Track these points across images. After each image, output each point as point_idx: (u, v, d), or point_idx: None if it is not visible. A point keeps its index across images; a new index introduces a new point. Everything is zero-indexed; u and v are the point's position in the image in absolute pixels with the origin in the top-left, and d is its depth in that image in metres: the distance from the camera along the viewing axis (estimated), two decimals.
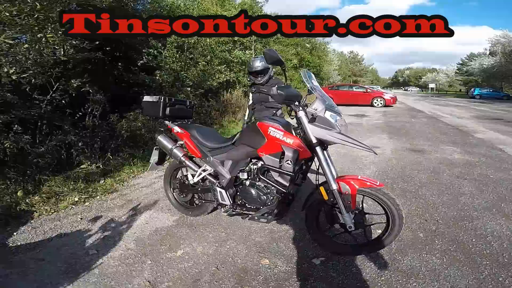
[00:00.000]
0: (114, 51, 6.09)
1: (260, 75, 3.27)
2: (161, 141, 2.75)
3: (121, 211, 3.06)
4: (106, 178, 3.92)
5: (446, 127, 8.58)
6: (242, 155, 2.27)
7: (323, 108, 1.94)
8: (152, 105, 2.72)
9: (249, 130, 2.25)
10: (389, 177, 3.96)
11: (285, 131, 2.02)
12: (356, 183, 1.93)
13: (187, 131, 2.62)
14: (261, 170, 2.17)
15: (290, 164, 2.00)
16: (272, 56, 1.92)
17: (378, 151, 5.51)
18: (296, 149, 1.98)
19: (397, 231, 2.03)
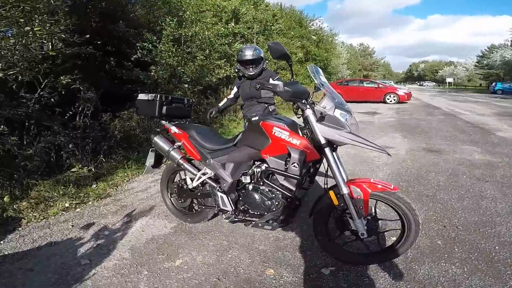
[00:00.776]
0: (105, 45, 6.12)
1: (252, 65, 3.19)
2: (158, 143, 2.75)
3: (115, 217, 3.08)
4: (98, 182, 3.95)
5: (465, 125, 8.54)
6: (244, 157, 2.27)
7: (333, 106, 1.93)
8: (148, 103, 2.72)
9: (252, 130, 2.24)
10: (404, 180, 3.95)
11: (290, 131, 2.02)
12: (368, 186, 1.92)
13: (185, 132, 2.63)
14: (265, 173, 2.16)
15: (296, 167, 1.99)
16: (278, 50, 1.91)
17: (391, 151, 5.49)
18: (303, 150, 1.97)
19: (413, 238, 2.02)
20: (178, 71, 6.93)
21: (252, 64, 3.19)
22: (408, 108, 13.97)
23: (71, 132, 4.27)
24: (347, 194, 1.92)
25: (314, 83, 2.10)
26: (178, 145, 2.72)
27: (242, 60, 3.19)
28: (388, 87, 18.04)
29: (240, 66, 3.24)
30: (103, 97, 5.16)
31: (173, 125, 2.72)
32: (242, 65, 3.22)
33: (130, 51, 6.53)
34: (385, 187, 1.92)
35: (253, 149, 2.19)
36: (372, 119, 10.26)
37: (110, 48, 6.27)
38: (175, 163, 2.70)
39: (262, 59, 3.23)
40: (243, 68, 3.23)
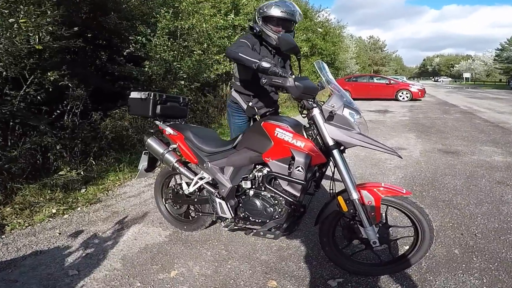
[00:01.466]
0: (96, 38, 6.13)
1: (285, 29, 2.51)
2: (151, 145, 2.75)
3: (106, 224, 3.08)
4: (88, 187, 3.95)
5: (484, 124, 8.51)
6: (244, 160, 2.26)
7: (341, 105, 1.93)
8: (140, 102, 2.72)
9: (253, 131, 2.23)
10: (418, 184, 3.94)
11: (294, 133, 2.01)
12: (380, 191, 1.92)
13: (181, 133, 2.62)
14: (267, 178, 2.15)
15: (301, 171, 1.98)
16: (288, 43, 1.91)
17: (404, 153, 5.48)
18: (308, 153, 1.96)
19: (427, 247, 2.02)
20: (174, 66, 6.93)
21: (286, 26, 2.51)
22: (422, 106, 13.94)
23: (58, 132, 4.28)
24: (358, 199, 1.92)
25: (319, 80, 2.10)
26: (173, 147, 2.71)
27: (277, 16, 2.44)
28: (400, 83, 18.01)
29: (265, 26, 2.49)
30: (93, 95, 5.18)
31: (167, 126, 2.71)
32: (270, 24, 2.48)
33: (122, 45, 6.54)
34: (397, 192, 1.93)
35: (254, 152, 2.18)
36: (383, 118, 10.24)
37: (101, 42, 6.28)
38: (170, 167, 2.70)
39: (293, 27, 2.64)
40: (269, 28, 2.48)
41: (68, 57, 5.48)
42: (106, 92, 5.88)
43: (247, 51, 2.12)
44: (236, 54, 2.09)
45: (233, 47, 2.21)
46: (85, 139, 4.57)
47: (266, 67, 1.94)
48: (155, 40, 6.68)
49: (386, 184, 1.98)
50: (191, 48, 7.67)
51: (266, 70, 1.94)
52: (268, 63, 1.95)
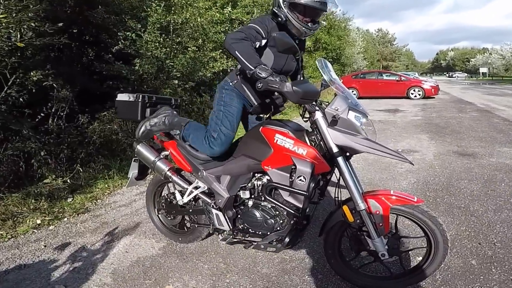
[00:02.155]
0: (82, 34, 6.16)
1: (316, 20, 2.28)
2: (141, 152, 2.75)
3: (95, 236, 3.09)
4: (75, 195, 3.97)
5: (504, 124, 8.52)
6: (242, 169, 2.26)
7: (346, 108, 1.92)
8: (129, 105, 2.74)
9: (251, 137, 2.23)
10: (432, 190, 3.96)
11: (296, 139, 2.02)
12: (388, 199, 1.93)
13: (173, 139, 2.64)
14: (266, 188, 2.16)
15: (303, 181, 1.98)
16: (285, 42, 1.87)
17: (416, 156, 5.49)
18: (311, 161, 1.97)
19: (442, 258, 2.02)
20: (167, 64, 6.96)
21: (315, 16, 2.25)
22: (435, 104, 13.96)
23: (43, 137, 4.30)
24: (365, 209, 1.92)
25: (322, 80, 2.11)
26: (165, 154, 2.72)
27: (309, 4, 2.14)
28: (411, 80, 18.02)
29: (291, 13, 2.18)
30: (80, 96, 5.20)
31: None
32: (297, 12, 2.19)
33: (111, 42, 6.56)
34: (407, 200, 1.93)
35: (253, 160, 2.18)
36: (394, 118, 10.26)
37: (87, 38, 6.32)
38: (161, 176, 2.70)
39: None
40: (295, 17, 2.18)
41: (52, 55, 5.51)
42: (94, 93, 5.91)
43: (247, 49, 2.00)
44: (233, 50, 1.99)
45: (235, 35, 2.04)
46: (72, 144, 4.59)
47: (263, 77, 1.87)
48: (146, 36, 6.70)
49: (395, 192, 1.99)
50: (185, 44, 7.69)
51: (263, 79, 1.87)
52: (265, 71, 1.88)
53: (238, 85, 2.36)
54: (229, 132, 2.31)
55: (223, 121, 2.32)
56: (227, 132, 2.31)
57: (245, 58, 1.95)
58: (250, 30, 2.14)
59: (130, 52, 6.52)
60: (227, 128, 2.31)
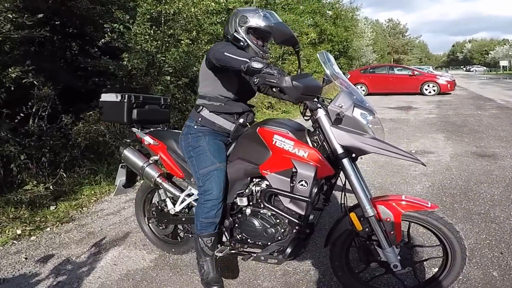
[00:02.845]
0: (65, 26, 6.15)
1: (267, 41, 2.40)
2: (128, 157, 2.74)
3: (80, 247, 3.09)
4: (58, 203, 3.98)
5: None
6: (239, 173, 2.24)
7: (351, 104, 1.91)
8: (113, 106, 2.74)
9: (247, 138, 2.23)
10: (448, 194, 3.96)
11: (296, 140, 2.00)
12: (400, 205, 1.92)
13: (162, 142, 2.61)
14: (265, 194, 2.15)
15: (305, 186, 1.97)
16: (283, 33, 1.85)
17: (432, 157, 5.50)
18: (313, 164, 1.96)
19: (459, 269, 2.02)
20: (158, 59, 6.96)
21: (266, 39, 2.37)
22: (452, 101, 13.97)
23: (23, 140, 4.29)
24: (374, 216, 1.91)
25: (324, 75, 2.09)
26: (155, 159, 2.71)
27: (264, 29, 2.24)
28: (425, 75, 18.06)
29: (249, 36, 2.29)
30: (63, 94, 5.19)
31: (146, 134, 2.70)
32: (255, 35, 2.30)
33: (97, 34, 6.56)
34: (421, 206, 1.92)
35: (250, 164, 2.17)
36: (406, 116, 10.27)
37: (71, 31, 6.30)
38: (151, 183, 2.69)
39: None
40: (254, 42, 2.30)
41: (33, 50, 5.50)
42: (78, 91, 5.89)
43: (235, 49, 2.03)
44: (222, 54, 1.96)
45: (218, 46, 2.08)
46: (54, 147, 4.58)
47: (258, 68, 1.81)
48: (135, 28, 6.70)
49: (407, 197, 1.99)
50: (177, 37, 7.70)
51: (258, 72, 1.80)
52: (260, 62, 1.82)
53: (204, 122, 2.32)
54: (210, 167, 2.22)
55: (198, 164, 2.26)
56: (207, 169, 2.22)
57: (236, 55, 1.91)
58: (228, 44, 2.21)
59: (118, 46, 6.51)
60: (206, 165, 2.23)
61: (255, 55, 2.18)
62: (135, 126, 2.79)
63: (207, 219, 2.21)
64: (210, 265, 2.26)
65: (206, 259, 2.27)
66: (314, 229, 2.26)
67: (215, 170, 2.21)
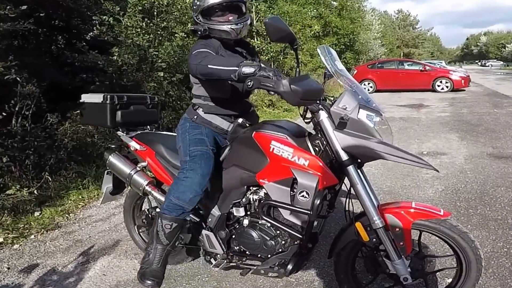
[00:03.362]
0: (50, 19, 6.14)
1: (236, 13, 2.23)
2: (114, 164, 2.70)
3: (67, 256, 3.09)
4: (43, 209, 3.97)
5: None
6: (234, 182, 2.20)
7: (356, 106, 1.86)
8: (95, 108, 2.71)
9: (242, 144, 2.19)
10: (463, 199, 3.96)
11: (296, 147, 1.96)
12: (410, 214, 1.89)
13: (150, 147, 2.58)
14: (263, 206, 2.11)
15: (306, 197, 1.94)
16: (279, 29, 1.83)
17: (445, 159, 5.50)
18: (315, 174, 1.92)
19: (475, 279, 2.01)
20: (150, 53, 6.97)
21: (236, 10, 2.22)
22: (466, 98, 13.97)
23: (5, 140, 4.28)
24: (382, 227, 1.88)
25: (325, 70, 2.06)
26: (143, 165, 2.66)
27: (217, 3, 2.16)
28: (438, 70, 18.07)
29: (210, 21, 2.21)
30: (49, 92, 5.18)
31: (132, 139, 2.67)
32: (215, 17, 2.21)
33: (84, 27, 6.57)
34: (432, 214, 1.90)
35: (245, 171, 2.13)
36: (418, 115, 10.27)
37: (57, 23, 6.29)
38: (139, 191, 2.64)
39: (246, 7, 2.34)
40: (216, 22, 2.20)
41: (16, 44, 5.50)
42: (65, 88, 5.88)
43: (218, 58, 1.96)
44: (205, 68, 1.86)
45: (198, 56, 1.98)
46: (39, 148, 4.57)
47: (250, 72, 1.73)
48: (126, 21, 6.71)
49: (417, 204, 1.96)
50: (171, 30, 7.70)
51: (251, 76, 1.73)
52: (251, 66, 1.74)
53: (200, 120, 2.32)
54: (202, 148, 2.20)
55: (190, 143, 2.23)
56: (198, 148, 2.20)
57: (222, 65, 1.82)
58: (204, 52, 2.05)
59: (107, 40, 6.51)
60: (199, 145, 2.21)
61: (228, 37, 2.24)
62: (120, 129, 2.74)
63: (178, 200, 2.12)
64: (158, 255, 2.19)
65: (156, 247, 2.20)
66: (318, 238, 2.24)
67: (206, 153, 2.18)
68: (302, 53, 17.75)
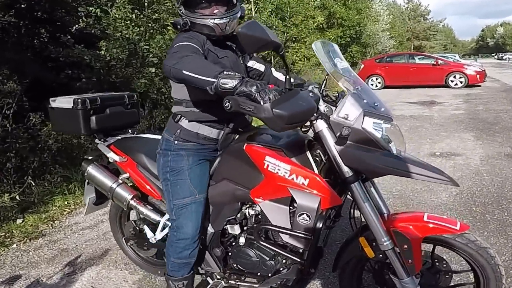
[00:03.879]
0: (32, 11, 6.14)
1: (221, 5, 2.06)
2: (94, 176, 2.62)
3: (52, 267, 3.09)
4: (26, 216, 3.97)
5: None
6: (226, 197, 2.14)
7: (360, 113, 1.74)
8: (65, 114, 2.60)
9: (233, 156, 2.09)
10: (479, 203, 3.96)
11: (293, 163, 1.87)
12: (421, 229, 1.81)
13: (131, 157, 2.51)
14: (259, 228, 2.06)
15: (307, 220, 1.87)
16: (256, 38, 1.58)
17: (459, 160, 5.51)
18: (316, 195, 1.84)
19: None
20: (141, 48, 6.96)
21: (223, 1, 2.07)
22: (482, 95, 13.97)
23: None
24: (390, 244, 1.82)
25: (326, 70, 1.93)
26: (125, 177, 2.60)
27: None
28: (451, 64, 18.06)
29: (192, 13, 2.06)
30: (31, 89, 5.18)
31: (111, 147, 2.59)
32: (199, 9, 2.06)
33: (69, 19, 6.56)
34: (447, 228, 1.81)
35: (238, 187, 2.06)
36: (429, 113, 10.27)
37: (39, 15, 6.30)
38: (124, 206, 2.57)
39: None
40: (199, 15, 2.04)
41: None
42: (49, 85, 5.89)
43: (196, 61, 1.74)
44: (180, 73, 1.69)
45: (172, 57, 1.78)
46: (21, 151, 4.57)
47: (229, 87, 1.56)
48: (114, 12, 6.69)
49: (430, 216, 1.86)
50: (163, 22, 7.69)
51: (230, 93, 1.56)
52: (231, 78, 1.57)
53: (185, 134, 2.15)
54: (186, 199, 2.12)
55: (173, 192, 2.15)
56: (182, 201, 2.12)
57: (199, 73, 1.63)
58: (185, 48, 1.88)
59: (94, 33, 6.51)
60: (183, 195, 2.12)
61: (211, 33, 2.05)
62: (97, 136, 2.66)
63: (180, 259, 2.15)
64: None
65: None
66: (322, 253, 2.19)
67: (193, 203, 2.12)
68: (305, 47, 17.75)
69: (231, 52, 2.21)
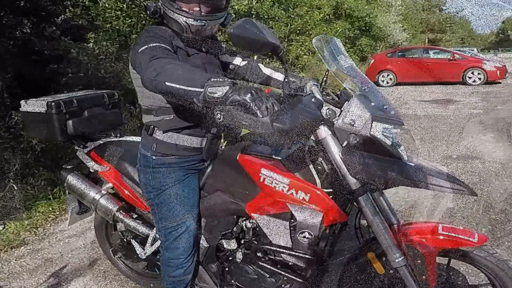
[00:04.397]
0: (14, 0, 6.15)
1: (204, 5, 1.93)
2: (75, 186, 2.58)
3: (35, 278, 3.09)
4: (7, 222, 3.97)
5: None
6: (219, 210, 2.13)
7: (368, 118, 1.65)
8: (39, 119, 2.52)
9: (226, 165, 2.08)
10: (498, 210, 3.96)
11: (292, 176, 1.82)
12: (435, 242, 1.78)
13: (114, 166, 2.48)
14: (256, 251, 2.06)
15: (309, 238, 1.84)
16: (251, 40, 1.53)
17: (477, 163, 5.50)
18: (318, 211, 1.81)
19: None
20: (132, 40, 6.97)
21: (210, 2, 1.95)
22: (502, 92, 13.95)
23: None
24: (401, 261, 1.77)
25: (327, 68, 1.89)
26: (110, 186, 2.57)
27: None
28: (469, 59, 18.02)
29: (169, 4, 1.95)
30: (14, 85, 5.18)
31: (91, 153, 2.56)
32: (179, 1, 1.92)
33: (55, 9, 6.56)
34: (463, 241, 1.77)
35: (233, 200, 2.03)
36: (445, 112, 10.26)
37: (22, 4, 6.30)
38: (109, 219, 2.54)
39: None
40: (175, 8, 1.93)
41: None
42: (32, 80, 5.88)
43: (178, 69, 1.58)
44: (162, 85, 1.56)
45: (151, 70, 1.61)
46: (2, 151, 4.58)
47: (218, 96, 1.44)
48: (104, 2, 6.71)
49: (445, 227, 1.82)
50: None
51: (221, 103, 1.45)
52: (220, 86, 1.45)
53: (161, 148, 2.06)
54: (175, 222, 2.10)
55: (160, 215, 2.13)
56: (171, 224, 2.11)
57: (182, 83, 1.51)
58: (156, 51, 1.75)
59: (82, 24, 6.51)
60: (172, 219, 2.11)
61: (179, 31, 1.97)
62: (76, 142, 2.61)
63: (175, 277, 2.17)
64: None
65: None
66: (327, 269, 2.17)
67: (182, 224, 2.10)
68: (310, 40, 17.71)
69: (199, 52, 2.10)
